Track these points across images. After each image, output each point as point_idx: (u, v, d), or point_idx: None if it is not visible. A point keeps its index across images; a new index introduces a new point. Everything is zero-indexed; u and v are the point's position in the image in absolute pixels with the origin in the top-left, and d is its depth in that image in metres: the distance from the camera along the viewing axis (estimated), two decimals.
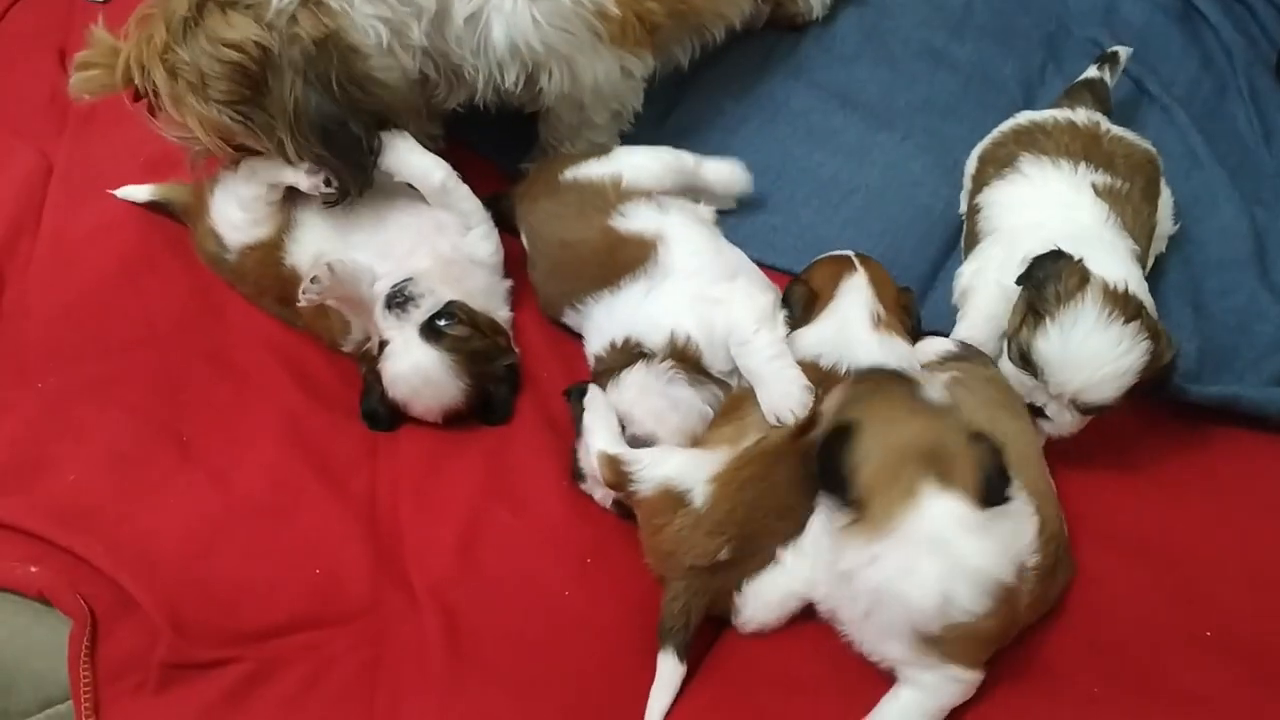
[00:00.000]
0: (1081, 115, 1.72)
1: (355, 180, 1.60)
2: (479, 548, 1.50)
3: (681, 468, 1.43)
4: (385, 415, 1.61)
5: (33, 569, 1.45)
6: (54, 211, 1.85)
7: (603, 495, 1.51)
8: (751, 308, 1.53)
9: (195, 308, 1.73)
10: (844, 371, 1.48)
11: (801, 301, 1.55)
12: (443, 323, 1.57)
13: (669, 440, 1.50)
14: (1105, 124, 1.72)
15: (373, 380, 1.60)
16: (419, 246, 1.66)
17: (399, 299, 1.58)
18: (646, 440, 1.50)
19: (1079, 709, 1.34)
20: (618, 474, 1.45)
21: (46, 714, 1.42)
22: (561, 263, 1.68)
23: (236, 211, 1.67)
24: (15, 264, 1.79)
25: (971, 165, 1.79)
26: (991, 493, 1.26)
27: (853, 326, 1.53)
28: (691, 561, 1.39)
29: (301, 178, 1.59)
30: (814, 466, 1.32)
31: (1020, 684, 1.33)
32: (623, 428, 1.50)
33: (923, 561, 1.24)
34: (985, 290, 1.58)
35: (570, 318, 1.68)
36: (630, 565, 1.47)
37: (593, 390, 1.54)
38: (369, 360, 1.61)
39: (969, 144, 1.91)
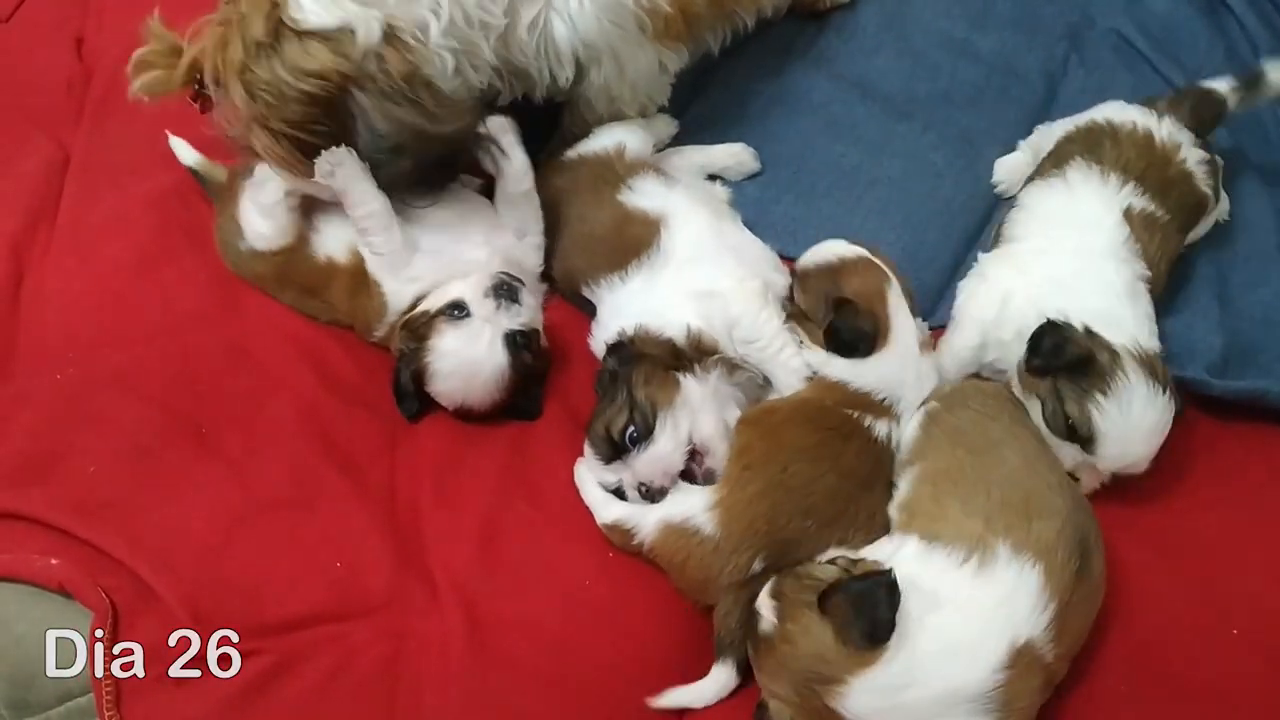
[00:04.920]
0: (1166, 130, 1.68)
1: (415, 194, 1.60)
2: (500, 540, 1.49)
3: (672, 503, 1.44)
4: (412, 394, 1.59)
5: (53, 561, 1.45)
6: (71, 202, 1.85)
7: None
8: (746, 302, 1.54)
9: (214, 299, 1.72)
10: (880, 399, 1.48)
11: (869, 332, 1.49)
12: (521, 341, 1.57)
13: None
14: (1186, 151, 1.67)
15: (411, 348, 1.58)
16: (473, 234, 1.66)
17: (509, 292, 1.58)
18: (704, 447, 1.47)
19: (1106, 706, 1.34)
20: (624, 535, 1.46)
21: (67, 707, 1.42)
22: (579, 237, 1.69)
23: (259, 219, 1.66)
24: (33, 254, 1.78)
25: (1046, 144, 1.77)
26: (878, 634, 1.23)
27: (912, 360, 1.52)
28: (728, 580, 1.39)
29: (321, 188, 1.57)
30: None
31: None
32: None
33: None
34: (985, 302, 1.58)
35: (587, 293, 1.68)
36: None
37: (579, 470, 1.53)
38: (414, 326, 1.59)
39: (991, 135, 1.92)
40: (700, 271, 1.58)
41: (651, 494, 1.47)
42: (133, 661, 1.39)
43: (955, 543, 1.32)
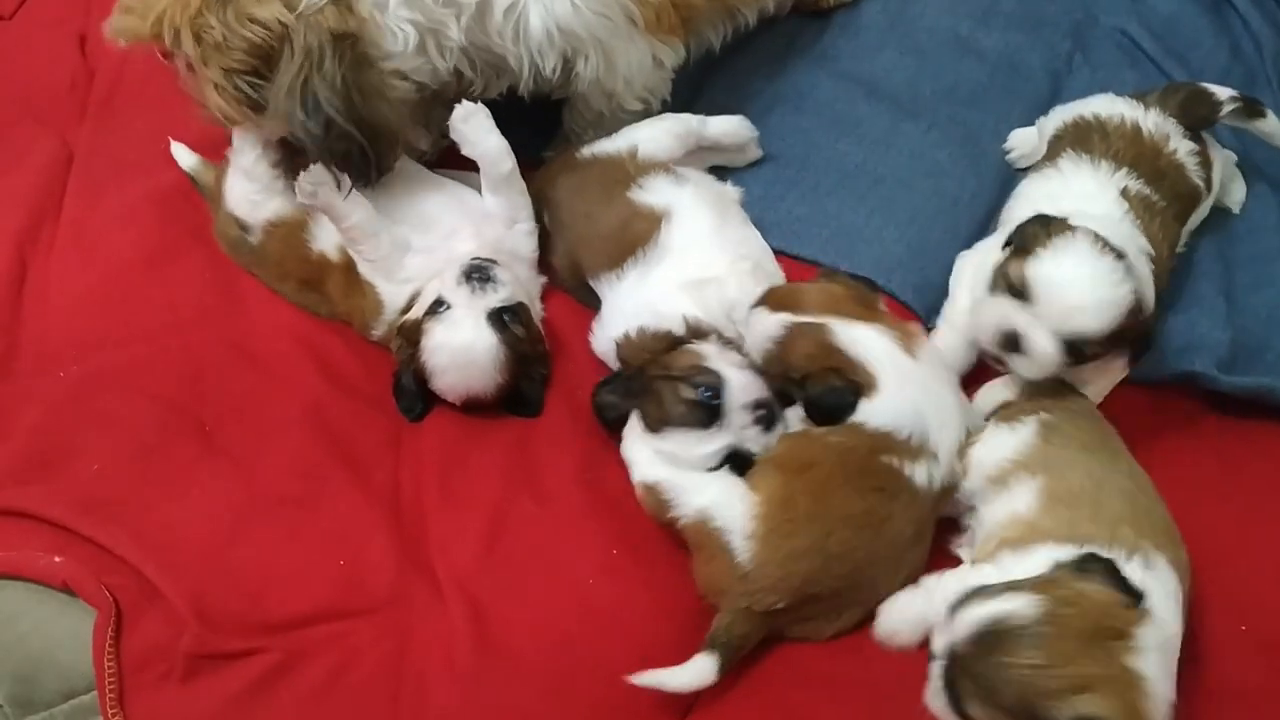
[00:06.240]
0: (1153, 121, 1.68)
1: (354, 176, 1.58)
2: (504, 538, 1.49)
3: (718, 501, 1.41)
4: (413, 392, 1.59)
5: (57, 559, 1.44)
6: (75, 200, 1.85)
7: None
8: (740, 282, 1.54)
9: (217, 296, 1.72)
10: (906, 438, 1.41)
11: (844, 391, 1.42)
12: (507, 318, 1.57)
13: None
14: (1175, 142, 1.67)
15: (407, 354, 1.58)
16: (463, 228, 1.66)
17: (479, 274, 1.58)
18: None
19: None
20: (657, 502, 1.45)
21: (71, 705, 1.42)
22: (584, 236, 1.69)
23: (244, 184, 1.66)
24: (37, 252, 1.78)
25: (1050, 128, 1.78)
26: (1131, 595, 1.19)
27: (915, 377, 1.45)
28: (746, 604, 1.37)
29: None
30: None
31: None
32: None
33: None
34: (971, 265, 1.60)
35: (595, 287, 1.69)
36: (657, 555, 1.47)
37: (631, 421, 1.51)
38: (407, 333, 1.59)
39: (995, 133, 1.91)
40: (693, 260, 1.59)
41: (769, 413, 1.47)
42: (136, 660, 1.39)
43: (1112, 545, 1.27)
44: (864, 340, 1.45)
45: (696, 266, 1.58)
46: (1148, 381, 1.62)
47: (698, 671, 1.35)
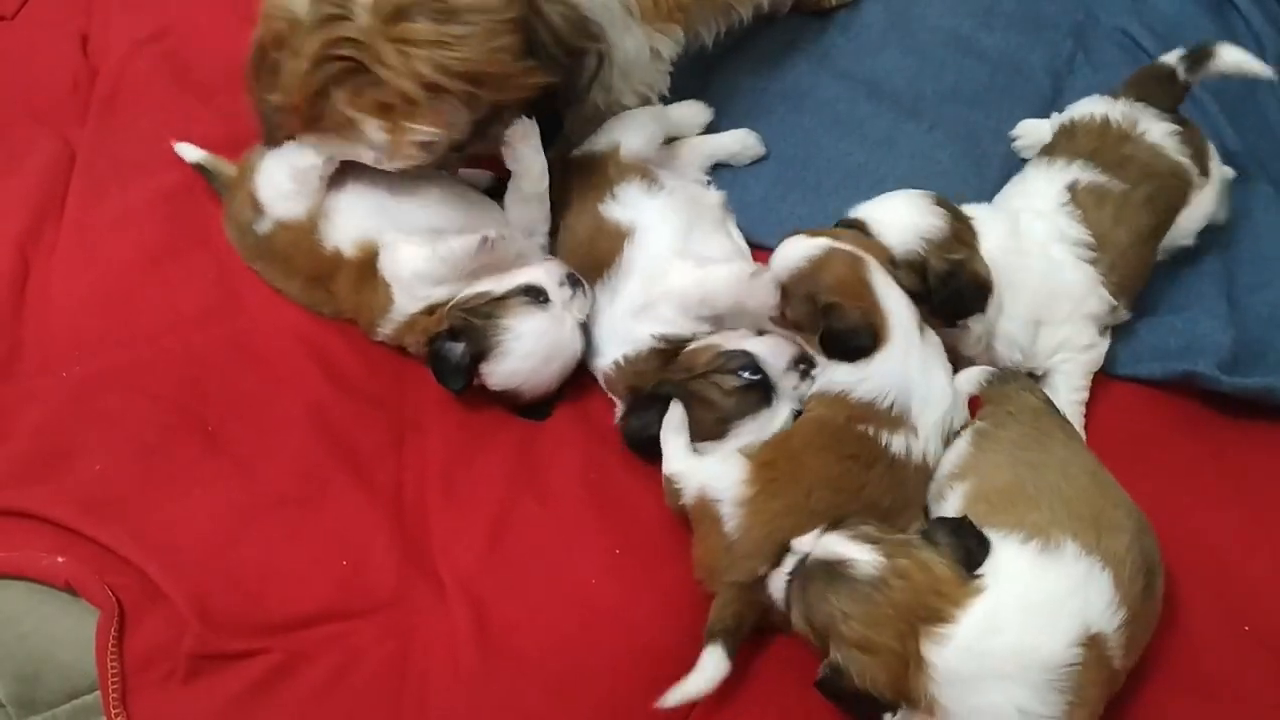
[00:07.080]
0: (1120, 110, 1.69)
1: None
2: (507, 538, 1.49)
3: (715, 472, 1.43)
4: (464, 369, 1.55)
5: (59, 559, 1.44)
6: (77, 200, 1.84)
7: None
8: (668, 268, 1.55)
9: (219, 296, 1.72)
10: (887, 407, 1.44)
11: (865, 330, 1.44)
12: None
13: None
14: (1145, 124, 1.67)
15: (474, 328, 1.55)
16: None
17: (581, 286, 1.59)
18: None
19: (1116, 702, 1.32)
20: (672, 490, 1.47)
21: (74, 705, 1.42)
22: (565, 245, 1.70)
23: (286, 181, 1.64)
24: (39, 252, 1.78)
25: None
26: (972, 561, 1.26)
27: (914, 349, 1.47)
28: (732, 579, 1.38)
29: (365, 152, 1.55)
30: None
31: None
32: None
33: (983, 700, 1.21)
34: None
35: None
36: (659, 556, 1.47)
37: (673, 408, 1.51)
38: (471, 310, 1.57)
39: (997, 133, 1.92)
40: (646, 286, 1.58)
41: (808, 364, 1.50)
42: (139, 660, 1.39)
43: (1016, 529, 1.30)
44: (893, 297, 1.47)
45: (646, 293, 1.58)
46: (1148, 381, 1.63)
47: (712, 667, 1.35)
